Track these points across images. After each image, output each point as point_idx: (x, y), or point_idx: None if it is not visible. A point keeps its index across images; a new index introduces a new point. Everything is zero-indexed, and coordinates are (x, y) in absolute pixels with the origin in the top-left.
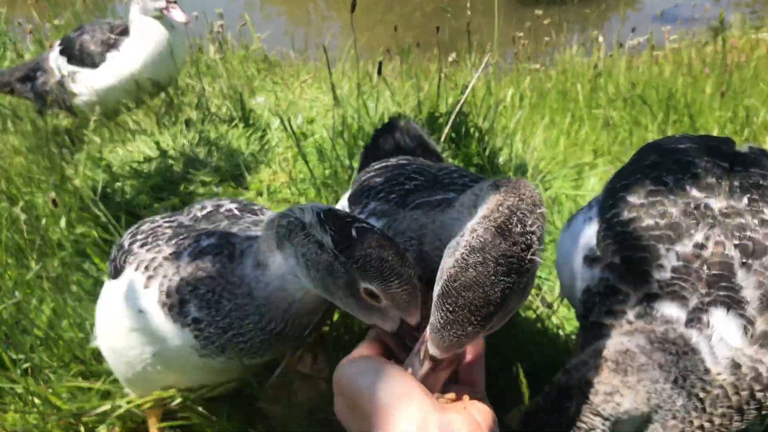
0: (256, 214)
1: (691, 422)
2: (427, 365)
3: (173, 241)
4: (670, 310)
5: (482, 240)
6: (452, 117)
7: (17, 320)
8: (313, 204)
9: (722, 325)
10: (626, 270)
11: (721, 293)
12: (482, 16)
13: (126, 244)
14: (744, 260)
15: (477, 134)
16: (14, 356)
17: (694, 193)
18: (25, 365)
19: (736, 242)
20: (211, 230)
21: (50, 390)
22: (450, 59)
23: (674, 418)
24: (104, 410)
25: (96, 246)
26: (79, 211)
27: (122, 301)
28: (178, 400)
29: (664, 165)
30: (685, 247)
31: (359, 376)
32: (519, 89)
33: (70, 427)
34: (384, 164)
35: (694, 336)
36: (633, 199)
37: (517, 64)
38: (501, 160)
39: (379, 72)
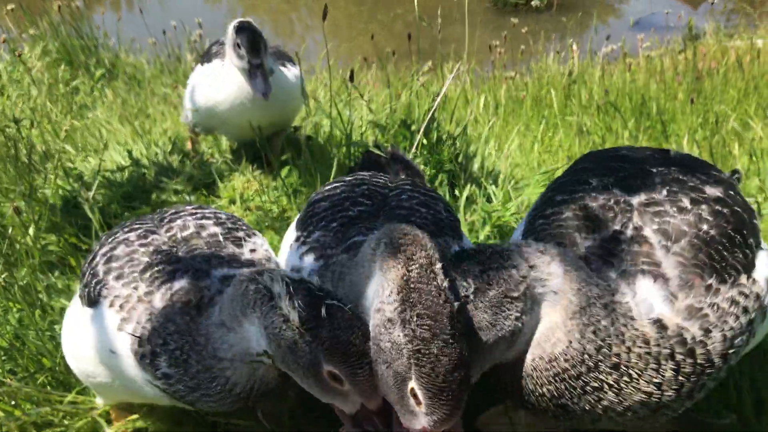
0: (240, 245)
1: (609, 345)
2: None
3: (148, 274)
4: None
5: (428, 329)
6: (424, 124)
7: None
8: (284, 273)
9: (648, 290)
10: None
11: (645, 267)
12: (460, 24)
13: (100, 272)
14: (663, 242)
15: (449, 141)
16: None
17: (615, 191)
18: None
19: (655, 227)
20: (186, 266)
21: (12, 402)
22: (426, 68)
23: (594, 333)
24: (69, 423)
25: (65, 256)
26: (49, 220)
27: (95, 335)
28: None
29: (594, 170)
30: (603, 234)
31: None
32: (495, 98)
33: None
34: (335, 183)
35: (622, 285)
36: (557, 197)
37: (494, 72)
38: (475, 166)
39: (351, 79)
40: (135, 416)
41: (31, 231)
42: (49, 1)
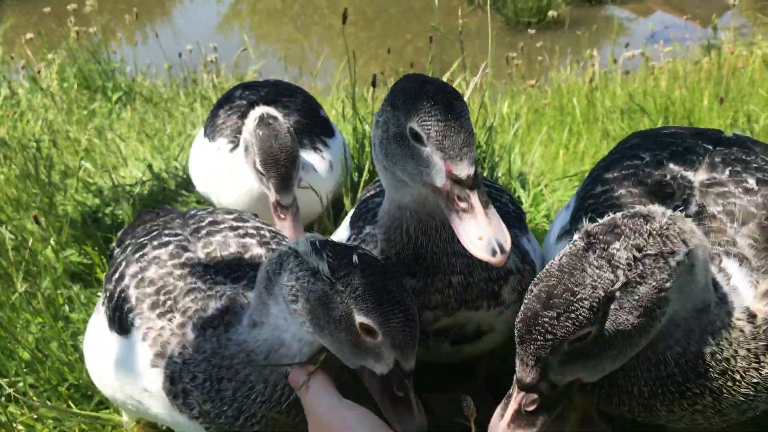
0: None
1: (722, 350)
2: (478, 204)
3: (181, 303)
4: None
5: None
6: None
7: (2, 341)
8: (313, 234)
9: (736, 275)
10: None
11: (729, 248)
12: (476, 37)
13: (132, 297)
14: (731, 224)
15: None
16: None
17: (672, 166)
18: (9, 391)
19: (720, 209)
20: (221, 292)
21: (35, 417)
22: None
23: (712, 336)
24: None
25: (86, 270)
26: (70, 234)
27: (126, 368)
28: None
29: (644, 145)
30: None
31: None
32: (515, 107)
33: None
34: None
35: (714, 273)
36: (608, 175)
37: (512, 85)
38: (501, 171)
39: (374, 85)
40: None
41: (52, 241)
42: (67, 28)
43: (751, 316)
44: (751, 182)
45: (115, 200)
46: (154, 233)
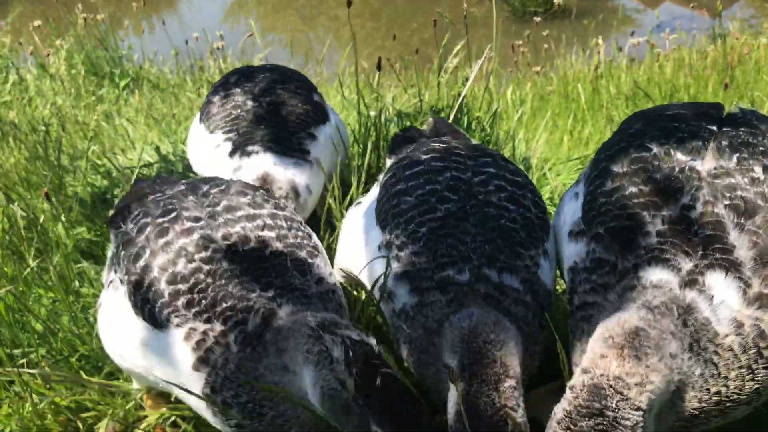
0: (304, 270)
1: (708, 390)
2: None
3: (220, 309)
4: (659, 275)
5: None
6: (455, 109)
7: (16, 315)
8: (346, 335)
9: (722, 287)
10: (612, 241)
11: (717, 255)
12: (482, 26)
13: (165, 293)
14: (736, 220)
15: (479, 127)
16: (11, 352)
17: (679, 156)
18: (22, 360)
19: (727, 202)
20: (258, 305)
21: (48, 386)
22: (451, 65)
23: (692, 389)
24: (103, 408)
25: (96, 247)
26: (79, 212)
27: (161, 359)
28: None
29: (648, 132)
30: (672, 211)
31: None
32: (520, 95)
33: (68, 424)
34: (415, 168)
35: (695, 297)
36: (616, 168)
37: (517, 73)
38: (506, 154)
39: (379, 68)
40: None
41: (63, 218)
42: (74, 15)
43: (739, 326)
44: (758, 171)
45: (125, 182)
46: (173, 215)
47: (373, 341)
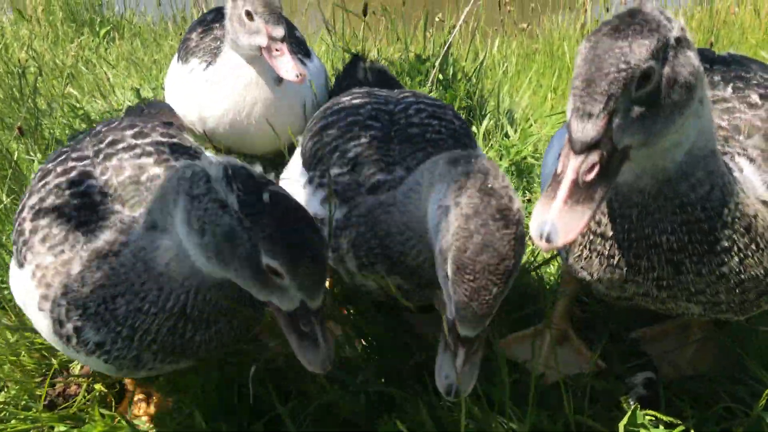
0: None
1: (741, 206)
2: (462, 352)
3: (72, 236)
4: None
5: (473, 205)
6: (440, 58)
7: None
8: (228, 158)
9: (749, 172)
10: None
11: (738, 148)
12: None
13: (26, 229)
14: (737, 137)
15: (464, 78)
16: None
17: None
18: None
19: (725, 124)
20: (112, 223)
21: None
22: (437, 19)
23: (730, 186)
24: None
25: None
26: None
27: (26, 309)
28: None
29: None
30: None
31: None
32: (506, 50)
33: (42, 361)
34: (338, 107)
35: (728, 161)
36: None
37: (503, 32)
38: (490, 105)
39: (365, 13)
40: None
41: (38, 156)
42: None
43: (765, 204)
44: (755, 98)
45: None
46: (62, 158)
47: (258, 167)
